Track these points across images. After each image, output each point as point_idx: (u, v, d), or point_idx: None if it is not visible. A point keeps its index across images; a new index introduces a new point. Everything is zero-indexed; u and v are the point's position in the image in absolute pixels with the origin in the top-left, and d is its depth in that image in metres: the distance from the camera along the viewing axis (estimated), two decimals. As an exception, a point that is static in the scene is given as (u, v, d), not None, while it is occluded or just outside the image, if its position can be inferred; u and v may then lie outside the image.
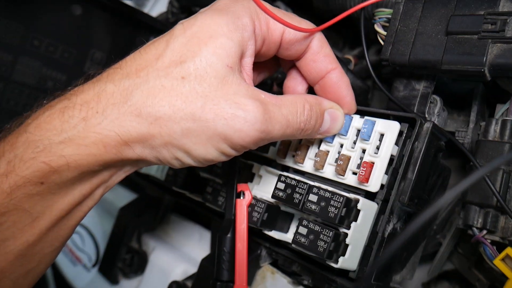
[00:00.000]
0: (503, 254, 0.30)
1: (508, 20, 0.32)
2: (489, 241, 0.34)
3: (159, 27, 0.61)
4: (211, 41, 0.29)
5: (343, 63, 0.48)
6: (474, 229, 0.35)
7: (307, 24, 0.34)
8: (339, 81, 0.36)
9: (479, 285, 0.45)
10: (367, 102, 0.53)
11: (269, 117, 0.30)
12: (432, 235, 0.45)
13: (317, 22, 0.38)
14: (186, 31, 0.30)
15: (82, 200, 0.31)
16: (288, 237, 0.38)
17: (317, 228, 0.33)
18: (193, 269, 0.47)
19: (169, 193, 0.52)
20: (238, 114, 0.29)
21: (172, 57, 0.29)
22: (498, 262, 0.30)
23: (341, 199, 0.33)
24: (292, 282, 0.40)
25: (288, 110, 0.31)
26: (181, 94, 0.29)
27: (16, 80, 0.54)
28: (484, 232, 0.35)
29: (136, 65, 0.30)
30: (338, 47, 0.69)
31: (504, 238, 0.35)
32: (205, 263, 0.43)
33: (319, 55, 0.35)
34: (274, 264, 0.42)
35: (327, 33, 0.66)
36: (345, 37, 0.68)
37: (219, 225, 0.46)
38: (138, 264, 0.50)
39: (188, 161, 0.30)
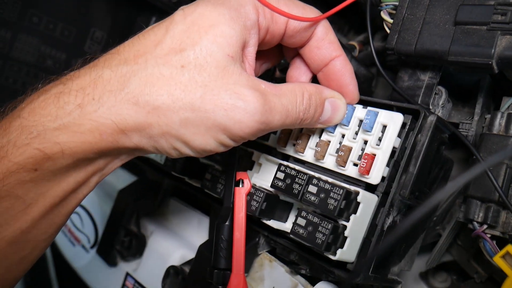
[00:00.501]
0: (503, 251, 0.30)
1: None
2: (489, 236, 0.34)
3: (160, 6, 0.60)
4: (212, 29, 0.29)
5: (347, 50, 0.47)
6: (475, 223, 0.35)
7: (312, 11, 0.33)
8: (342, 69, 0.35)
9: (477, 277, 0.45)
10: (371, 90, 0.52)
11: (269, 108, 0.29)
12: (432, 226, 0.45)
13: (322, 6, 0.37)
14: (186, 18, 0.29)
15: (76, 187, 0.30)
16: (286, 226, 0.38)
17: (316, 219, 0.33)
18: (191, 255, 0.47)
19: (168, 177, 0.51)
20: (238, 105, 0.28)
21: (171, 44, 0.29)
22: (498, 259, 0.30)
23: (340, 191, 0.32)
24: (289, 271, 0.40)
25: (288, 99, 0.31)
26: (180, 83, 0.28)
27: (15, 57, 0.53)
28: (485, 226, 0.35)
29: (134, 51, 0.29)
30: (343, 32, 0.68)
31: (504, 233, 0.35)
32: (203, 249, 0.43)
33: (324, 42, 0.34)
34: (272, 252, 0.42)
35: (332, 18, 0.64)
36: (351, 23, 0.66)
37: (218, 212, 0.46)
38: (136, 247, 0.50)
39: (186, 151, 0.30)
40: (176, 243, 0.49)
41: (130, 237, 0.51)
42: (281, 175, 0.36)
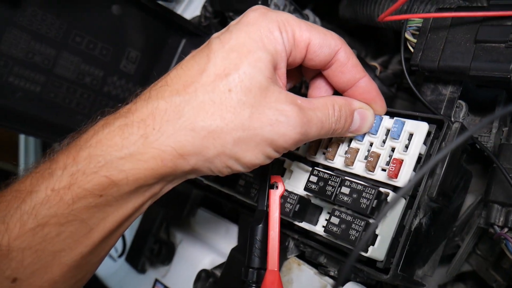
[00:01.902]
0: (525, 247, 0.32)
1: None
2: (510, 236, 0.36)
3: (191, 29, 0.64)
4: (250, 55, 0.32)
5: (371, 69, 0.50)
6: (496, 227, 0.37)
7: (332, 36, 0.36)
8: (367, 87, 0.37)
9: (496, 286, 0.46)
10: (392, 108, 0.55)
11: (307, 120, 0.32)
12: (451, 237, 0.47)
13: (340, 31, 0.40)
14: (224, 46, 0.32)
15: (133, 212, 0.33)
16: (317, 229, 0.41)
17: (349, 218, 0.35)
18: (220, 260, 0.49)
19: (196, 187, 0.54)
20: (281, 119, 0.31)
21: (216, 70, 0.32)
22: (520, 255, 0.32)
23: (372, 191, 0.35)
24: (318, 273, 0.42)
25: (322, 112, 0.34)
26: (230, 106, 0.31)
27: (57, 73, 0.57)
28: (506, 230, 0.37)
29: (182, 81, 0.32)
30: (360, 56, 0.72)
31: (524, 237, 0.37)
32: (235, 252, 0.45)
33: (347, 66, 0.37)
34: (301, 256, 0.44)
35: (350, 42, 0.69)
36: (368, 47, 0.71)
37: (247, 217, 0.48)
38: (165, 254, 0.52)
39: (238, 167, 0.33)
40: (205, 250, 0.51)
41: (160, 244, 0.53)
42: (314, 179, 0.39)
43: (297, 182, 0.43)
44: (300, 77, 0.42)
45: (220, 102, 0.31)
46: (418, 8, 0.45)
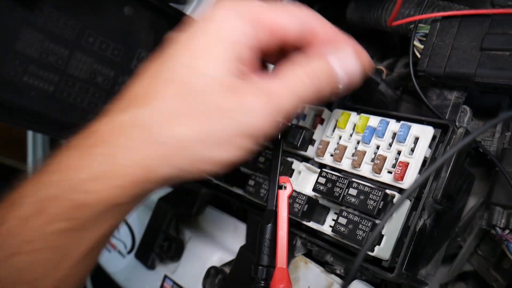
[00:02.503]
0: (526, 249, 0.34)
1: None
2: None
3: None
4: (207, 55, 0.30)
5: (378, 73, 0.51)
6: (497, 228, 0.39)
7: (298, 12, 0.33)
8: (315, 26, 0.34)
9: (496, 285, 0.48)
10: (397, 110, 0.56)
11: (276, 103, 0.31)
12: (454, 237, 0.48)
13: (347, 33, 0.40)
14: (180, 48, 0.31)
15: (109, 231, 0.32)
16: (324, 228, 0.42)
17: (356, 218, 0.37)
18: (228, 257, 0.50)
19: (205, 186, 0.56)
20: (246, 112, 0.30)
21: (175, 77, 0.30)
22: (522, 256, 0.34)
23: (379, 193, 0.36)
24: (324, 271, 0.43)
25: (290, 80, 0.32)
26: (195, 112, 0.30)
27: (70, 73, 0.58)
28: (507, 231, 0.38)
29: (143, 92, 0.31)
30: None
31: (525, 239, 0.39)
32: (244, 250, 0.46)
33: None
34: (308, 255, 0.46)
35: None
36: (374, 50, 0.72)
37: (255, 216, 0.49)
38: (175, 250, 0.54)
39: (213, 168, 0.31)
40: (213, 247, 0.52)
41: (169, 241, 0.54)
42: (322, 180, 0.40)
43: (305, 183, 0.44)
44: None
45: (184, 110, 0.30)
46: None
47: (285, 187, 0.42)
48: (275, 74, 0.32)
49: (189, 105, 0.30)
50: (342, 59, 0.34)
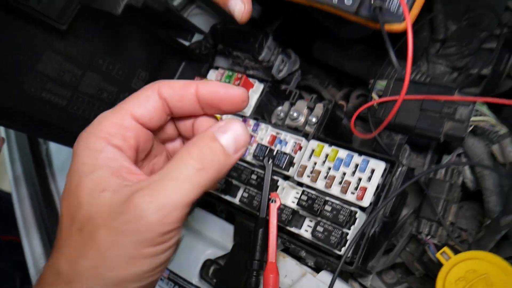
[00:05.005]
0: (442, 250, 0.50)
1: (457, 108, 0.51)
2: (432, 242, 0.54)
3: (190, 55, 0.76)
4: (82, 190, 0.31)
5: (340, 109, 0.66)
6: (423, 234, 0.55)
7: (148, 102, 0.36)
8: (207, 91, 0.35)
9: (417, 274, 0.65)
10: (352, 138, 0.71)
11: (165, 212, 0.30)
12: (389, 238, 0.65)
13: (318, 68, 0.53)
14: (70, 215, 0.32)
15: None
16: (301, 232, 0.56)
17: (330, 228, 0.51)
18: (220, 252, 0.63)
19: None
20: (141, 226, 0.29)
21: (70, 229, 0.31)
22: (438, 256, 0.50)
23: (347, 211, 0.51)
24: (299, 264, 0.58)
25: (171, 176, 0.31)
26: (88, 247, 0.30)
27: (81, 90, 0.67)
28: (429, 237, 0.55)
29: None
30: (323, 85, 0.87)
31: (440, 242, 0.55)
32: (236, 246, 0.59)
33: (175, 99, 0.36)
34: (285, 250, 0.59)
35: (317, 71, 0.84)
36: (331, 77, 0.86)
37: (242, 219, 0.62)
38: (171, 244, 0.65)
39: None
40: (206, 243, 0.64)
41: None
42: (304, 197, 0.54)
43: (287, 196, 0.58)
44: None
45: (80, 247, 0.30)
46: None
47: (274, 201, 0.55)
48: (164, 172, 0.31)
49: (85, 238, 0.30)
50: (229, 130, 0.34)
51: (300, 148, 0.60)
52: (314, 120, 0.61)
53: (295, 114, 0.62)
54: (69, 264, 0.30)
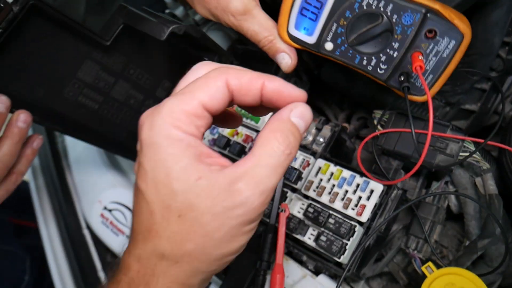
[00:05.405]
0: (427, 264, 0.58)
1: (448, 143, 0.59)
2: (418, 257, 0.62)
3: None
4: (169, 180, 0.33)
5: (344, 132, 0.74)
6: (410, 249, 0.63)
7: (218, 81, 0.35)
8: (276, 88, 0.36)
9: (402, 282, 0.73)
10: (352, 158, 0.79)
11: (261, 181, 0.33)
12: (380, 249, 0.73)
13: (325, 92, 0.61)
14: (148, 185, 0.34)
15: None
16: (306, 239, 0.63)
17: (332, 238, 0.59)
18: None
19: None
20: (240, 206, 0.33)
21: (160, 209, 0.33)
22: (423, 269, 0.58)
23: (348, 224, 0.59)
24: (300, 266, 0.65)
25: (270, 157, 0.34)
26: (194, 226, 0.33)
27: (112, 95, 0.73)
28: (416, 252, 0.63)
29: (149, 225, 0.34)
30: (327, 103, 0.94)
31: (424, 257, 0.63)
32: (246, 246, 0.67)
33: (243, 87, 0.36)
34: (288, 254, 0.67)
35: (322, 91, 0.91)
36: (334, 96, 0.93)
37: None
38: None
39: (231, 258, 0.36)
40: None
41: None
42: (311, 210, 0.62)
43: (294, 206, 0.66)
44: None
45: (186, 229, 0.33)
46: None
47: (284, 210, 0.63)
48: (250, 154, 0.34)
49: (188, 223, 0.33)
50: (301, 114, 0.36)
51: (308, 164, 0.67)
52: (321, 140, 0.69)
53: (304, 133, 0.70)
54: (175, 247, 0.33)
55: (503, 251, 0.57)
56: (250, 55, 0.78)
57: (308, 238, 0.63)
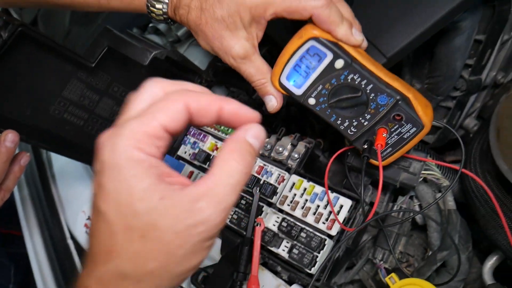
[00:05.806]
0: (390, 275, 0.62)
1: (411, 162, 0.64)
2: (383, 267, 0.67)
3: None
4: (129, 198, 0.33)
5: (318, 147, 0.78)
6: (377, 260, 0.68)
7: (175, 102, 0.36)
8: (232, 109, 0.37)
9: (371, 289, 0.78)
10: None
11: (222, 199, 0.34)
12: (350, 258, 0.77)
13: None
14: (105, 203, 0.34)
15: None
16: (279, 251, 0.68)
17: (304, 251, 0.63)
18: (208, 262, 0.74)
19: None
20: (201, 223, 0.33)
21: (118, 228, 0.33)
22: (387, 279, 0.62)
23: (319, 238, 0.63)
24: (275, 277, 0.69)
25: (229, 175, 0.35)
26: (156, 245, 0.33)
27: (97, 112, 0.76)
28: (381, 262, 0.68)
29: (110, 246, 0.34)
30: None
31: (390, 266, 0.68)
32: (223, 258, 0.70)
33: (201, 111, 0.37)
34: (264, 264, 0.71)
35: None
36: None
37: (229, 235, 0.73)
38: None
39: (190, 274, 0.36)
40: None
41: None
42: (284, 224, 0.66)
43: (269, 220, 0.70)
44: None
45: (147, 248, 0.33)
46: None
47: (259, 224, 0.67)
48: (210, 173, 0.35)
49: (151, 242, 0.33)
50: (255, 135, 0.37)
51: (283, 180, 0.72)
52: (296, 156, 0.73)
53: (280, 149, 0.74)
54: (137, 266, 0.33)
55: (461, 261, 0.62)
56: (230, 71, 0.81)
57: (282, 250, 0.68)
